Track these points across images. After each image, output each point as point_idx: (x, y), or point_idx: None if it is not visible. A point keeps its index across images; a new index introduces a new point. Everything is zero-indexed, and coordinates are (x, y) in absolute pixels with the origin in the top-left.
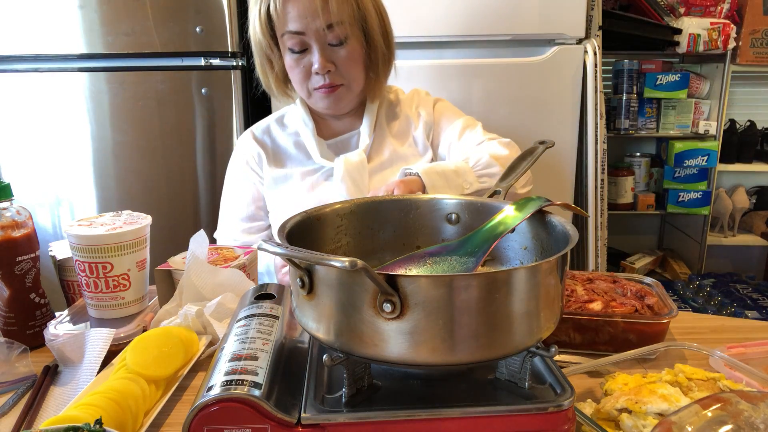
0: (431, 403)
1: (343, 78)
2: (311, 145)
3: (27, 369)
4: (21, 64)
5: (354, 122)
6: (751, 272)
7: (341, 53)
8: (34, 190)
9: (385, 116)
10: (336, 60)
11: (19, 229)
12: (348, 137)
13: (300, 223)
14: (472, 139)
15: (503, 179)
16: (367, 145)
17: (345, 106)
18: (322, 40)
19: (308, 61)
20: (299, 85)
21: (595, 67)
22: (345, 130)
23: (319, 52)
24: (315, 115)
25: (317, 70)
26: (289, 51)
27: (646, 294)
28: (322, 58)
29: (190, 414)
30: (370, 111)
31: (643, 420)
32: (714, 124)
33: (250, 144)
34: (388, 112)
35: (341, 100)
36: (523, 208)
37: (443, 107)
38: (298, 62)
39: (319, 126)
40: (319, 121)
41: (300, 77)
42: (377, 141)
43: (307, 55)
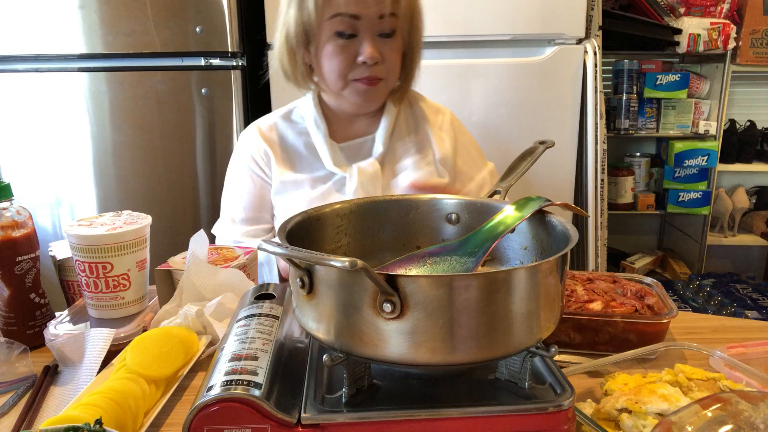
0: (431, 403)
1: (386, 72)
2: (323, 150)
3: (27, 369)
4: (21, 64)
5: (370, 125)
6: (751, 272)
7: (389, 45)
8: (34, 190)
9: (404, 123)
10: (384, 51)
11: (19, 229)
12: (362, 142)
13: (300, 223)
14: None
15: (503, 179)
16: (380, 153)
17: (376, 103)
18: (374, 28)
19: (354, 50)
20: (336, 75)
21: (595, 67)
22: (359, 133)
23: (370, 40)
24: (328, 114)
25: (366, 59)
26: (334, 36)
27: (646, 294)
28: (372, 47)
29: (190, 414)
30: (389, 115)
31: (643, 420)
32: (714, 124)
33: (256, 140)
34: (408, 119)
35: (377, 95)
36: (523, 208)
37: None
38: (344, 49)
39: (332, 127)
40: (333, 121)
41: (341, 66)
42: (392, 149)
43: (354, 43)
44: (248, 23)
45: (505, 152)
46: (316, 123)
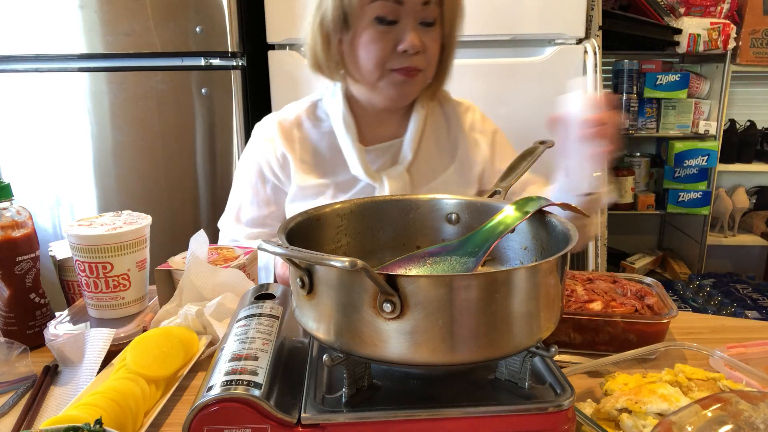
0: (431, 403)
1: (426, 63)
2: (351, 155)
3: (27, 369)
4: (21, 64)
5: (399, 127)
6: (751, 272)
7: (430, 35)
8: (34, 190)
9: (434, 126)
10: (425, 41)
11: (19, 229)
12: (389, 146)
13: (300, 223)
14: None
15: (503, 179)
16: (408, 161)
17: (411, 96)
18: (416, 15)
19: (395, 37)
20: (373, 63)
21: (595, 67)
22: (387, 136)
23: (412, 27)
24: (356, 113)
25: (407, 48)
26: (374, 21)
27: (646, 294)
28: (415, 35)
29: (190, 414)
30: (417, 117)
31: (643, 420)
32: (714, 124)
33: (275, 139)
34: (438, 120)
35: (413, 88)
36: (523, 208)
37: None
38: (384, 36)
39: (360, 128)
40: (360, 121)
41: (380, 54)
42: (420, 155)
43: (395, 30)
44: (248, 23)
45: None
46: (345, 122)
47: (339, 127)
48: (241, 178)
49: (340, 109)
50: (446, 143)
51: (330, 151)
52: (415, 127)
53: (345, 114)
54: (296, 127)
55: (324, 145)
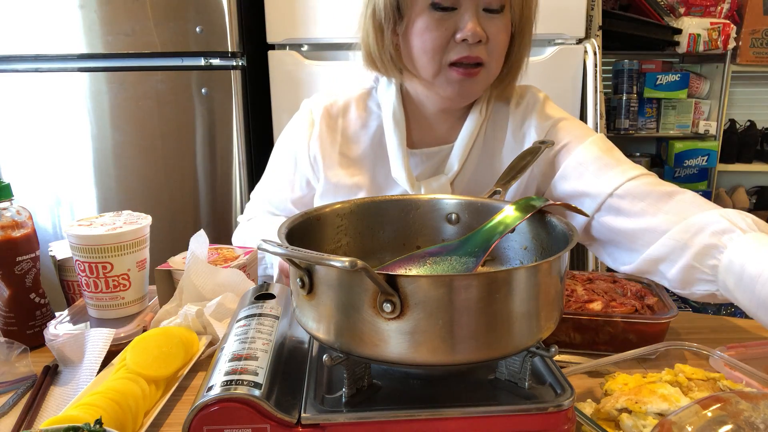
0: (431, 403)
1: (490, 55)
2: (395, 156)
3: (27, 369)
4: (21, 64)
5: (450, 133)
6: None
7: (496, 23)
8: (34, 190)
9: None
10: (489, 29)
11: (19, 229)
12: (436, 152)
13: (300, 223)
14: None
15: (503, 179)
16: (454, 173)
17: (473, 96)
18: (479, 1)
19: (453, 25)
20: (430, 56)
21: (595, 67)
22: (437, 141)
23: (473, 13)
24: (408, 111)
25: (467, 36)
26: (430, 8)
27: (646, 294)
28: (475, 22)
29: (190, 414)
30: (472, 123)
31: (643, 420)
32: (714, 124)
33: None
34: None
35: (475, 88)
36: (523, 208)
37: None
38: (441, 24)
39: (409, 127)
40: (412, 120)
41: (436, 44)
42: (468, 166)
43: (453, 17)
44: (248, 23)
45: None
46: (395, 119)
47: (388, 123)
48: (276, 153)
49: (391, 104)
50: (498, 154)
51: (374, 146)
52: (467, 135)
53: (396, 110)
54: (342, 116)
55: (368, 139)
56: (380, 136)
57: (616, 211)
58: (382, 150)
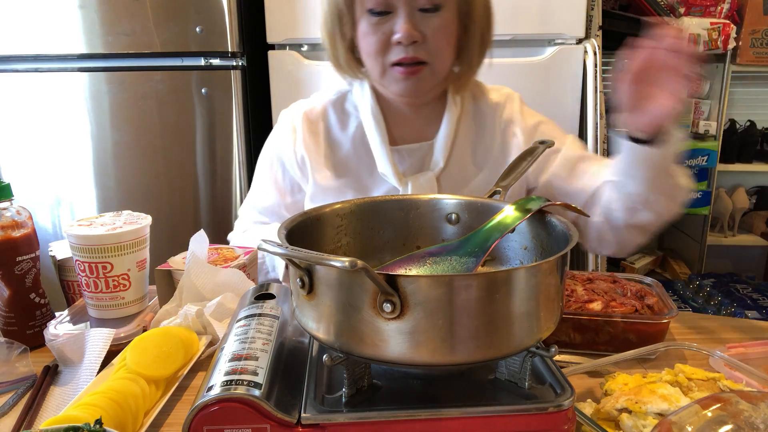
0: (431, 403)
1: (429, 54)
2: (379, 153)
3: (27, 369)
4: (21, 64)
5: (428, 128)
6: (751, 272)
7: (432, 22)
8: (34, 190)
9: (469, 126)
10: (425, 29)
11: (19, 229)
12: (418, 147)
13: (300, 223)
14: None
15: (503, 179)
16: (440, 168)
17: (424, 92)
18: (412, 2)
19: (389, 28)
20: (372, 59)
21: (595, 67)
22: (417, 137)
23: (406, 16)
24: (385, 109)
25: (400, 39)
26: (367, 13)
27: (646, 294)
28: (408, 24)
29: (190, 414)
30: (449, 118)
31: (643, 420)
32: (714, 124)
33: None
34: (470, 120)
35: (422, 84)
36: (523, 208)
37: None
38: (377, 28)
39: (388, 126)
40: (389, 119)
41: (376, 48)
42: (452, 161)
43: (389, 21)
44: (248, 23)
45: None
46: (374, 118)
47: (368, 122)
48: (261, 163)
49: (369, 104)
50: (480, 146)
51: (356, 146)
52: (447, 130)
53: (374, 109)
54: (322, 120)
55: (349, 140)
56: (361, 137)
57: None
58: (364, 150)
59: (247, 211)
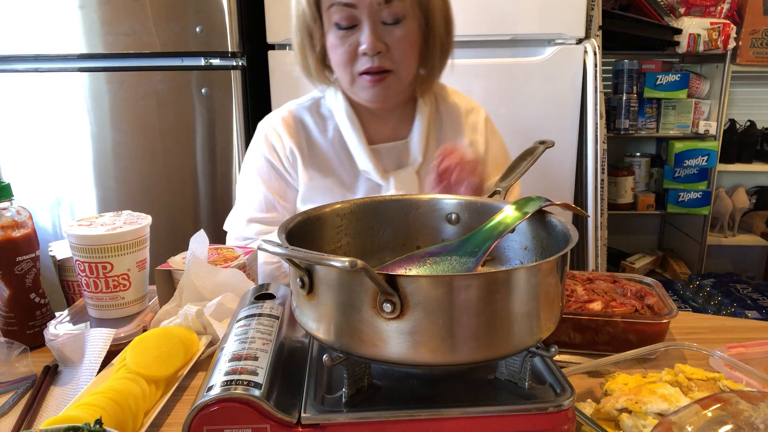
0: (431, 403)
1: (394, 63)
2: (358, 152)
3: (27, 369)
4: (21, 64)
5: (399, 128)
6: (751, 272)
7: (396, 33)
8: (34, 190)
9: (435, 124)
10: (389, 41)
11: (19, 229)
12: (393, 146)
13: (300, 223)
14: None
15: (503, 179)
16: (419, 163)
17: (392, 98)
18: (375, 16)
19: (355, 40)
20: (342, 69)
21: (595, 67)
22: (390, 136)
23: (371, 29)
24: (358, 112)
25: (366, 50)
26: (334, 26)
27: (646, 294)
28: (372, 37)
29: (190, 414)
30: (422, 116)
31: (643, 420)
32: (714, 124)
33: (282, 136)
34: (439, 118)
35: (389, 91)
36: (523, 208)
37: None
38: (344, 40)
39: (364, 128)
40: (363, 120)
41: (344, 58)
42: (428, 156)
43: (355, 33)
44: (248, 23)
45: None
46: (350, 119)
47: (344, 124)
48: (250, 176)
49: (343, 107)
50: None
51: (335, 149)
52: (421, 129)
53: (349, 111)
54: (301, 125)
55: (329, 143)
56: (339, 139)
57: None
58: (344, 151)
59: (239, 224)
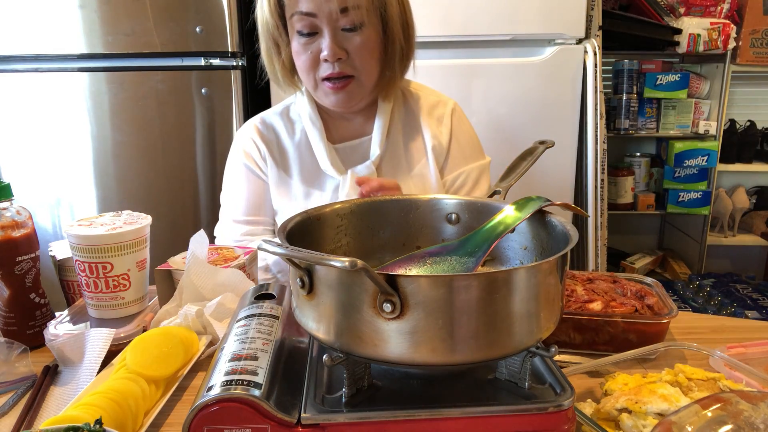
0: (431, 403)
1: (355, 69)
2: (320, 151)
3: (27, 369)
4: (21, 64)
5: (365, 126)
6: (751, 272)
7: (355, 40)
8: (34, 190)
9: (399, 121)
10: (348, 47)
11: (19, 229)
12: (358, 144)
13: (300, 223)
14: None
15: (503, 179)
16: (377, 156)
17: (355, 103)
18: (334, 24)
19: (317, 47)
20: (305, 75)
21: (595, 67)
22: (355, 134)
23: (330, 36)
24: (323, 113)
25: (326, 57)
26: (297, 34)
27: (646, 294)
28: (332, 44)
29: (190, 414)
30: (383, 114)
31: (643, 420)
32: (714, 124)
33: (255, 139)
34: (403, 115)
35: (352, 96)
36: (523, 208)
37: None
38: (306, 47)
39: (327, 127)
40: (328, 121)
41: (307, 65)
42: (389, 151)
43: (317, 40)
44: (248, 23)
45: (505, 152)
46: (312, 121)
47: (308, 125)
48: (230, 181)
49: (307, 110)
50: (415, 136)
51: (302, 149)
52: (381, 124)
53: (311, 113)
54: (272, 129)
55: (296, 144)
56: (305, 141)
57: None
58: (308, 152)
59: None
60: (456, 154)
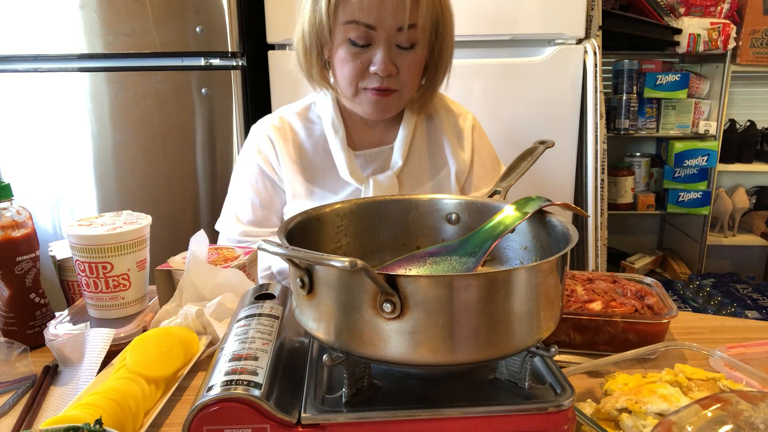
0: (431, 403)
1: (400, 84)
2: (339, 158)
3: (27, 369)
4: (21, 64)
5: (387, 134)
6: (751, 272)
7: (407, 58)
8: (34, 190)
9: (423, 134)
10: (399, 64)
11: (19, 229)
12: (379, 151)
13: (300, 223)
14: None
15: (503, 179)
16: (399, 167)
17: (389, 113)
18: (391, 39)
19: (367, 58)
20: (347, 82)
21: (595, 67)
22: (375, 142)
23: (385, 52)
24: (345, 118)
25: (379, 71)
26: (348, 42)
27: (646, 294)
28: (387, 60)
29: (190, 414)
30: (407, 125)
31: (643, 420)
32: (714, 124)
33: (271, 139)
34: (428, 129)
35: (389, 107)
36: (523, 208)
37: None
38: (356, 57)
39: (349, 132)
40: (350, 126)
41: (353, 73)
42: (410, 162)
43: (368, 52)
44: (248, 23)
45: (506, 152)
46: (334, 126)
47: (329, 130)
48: (240, 179)
49: (330, 113)
50: (434, 151)
51: (321, 153)
52: (404, 135)
53: (334, 118)
54: (290, 129)
55: (315, 147)
56: (324, 144)
57: None
58: (327, 156)
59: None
60: (479, 172)
